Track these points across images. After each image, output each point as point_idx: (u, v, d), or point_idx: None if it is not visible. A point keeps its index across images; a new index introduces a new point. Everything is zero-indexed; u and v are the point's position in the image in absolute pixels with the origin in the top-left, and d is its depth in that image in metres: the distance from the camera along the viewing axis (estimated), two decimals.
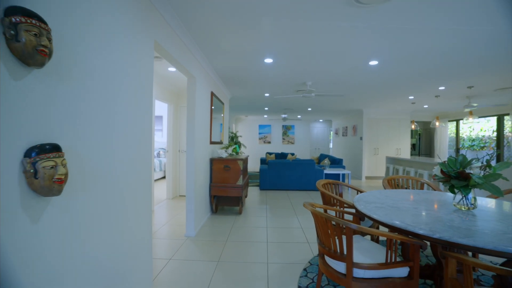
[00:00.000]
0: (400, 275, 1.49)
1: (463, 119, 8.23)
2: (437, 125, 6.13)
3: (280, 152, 11.83)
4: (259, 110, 9.31)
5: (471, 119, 5.13)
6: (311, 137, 12.75)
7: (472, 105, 4.90)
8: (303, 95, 4.80)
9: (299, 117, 11.40)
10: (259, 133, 12.41)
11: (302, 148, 12.54)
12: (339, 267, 1.54)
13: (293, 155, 10.22)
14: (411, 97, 6.19)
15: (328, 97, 6.18)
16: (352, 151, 9.42)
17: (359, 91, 5.63)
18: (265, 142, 12.43)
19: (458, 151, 8.99)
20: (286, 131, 12.49)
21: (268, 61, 3.56)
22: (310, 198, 5.54)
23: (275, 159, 9.44)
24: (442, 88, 5.09)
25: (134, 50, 1.66)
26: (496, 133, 7.47)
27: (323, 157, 8.80)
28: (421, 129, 10.52)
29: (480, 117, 7.84)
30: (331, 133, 12.80)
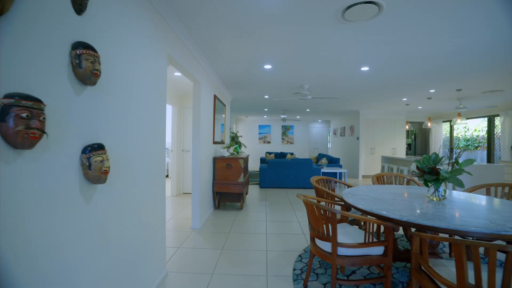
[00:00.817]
0: (377, 253, 1.78)
1: (452, 120, 8.52)
2: (429, 125, 6.41)
3: (279, 151, 12.15)
4: (259, 111, 9.60)
5: (459, 120, 5.42)
6: (310, 137, 13.03)
7: (460, 107, 5.18)
8: (300, 98, 5.09)
9: (298, 117, 11.66)
10: (259, 133, 12.70)
11: (301, 148, 12.83)
12: (326, 247, 1.83)
13: (292, 154, 10.50)
14: (405, 99, 6.48)
15: (324, 99, 6.47)
16: (349, 150, 9.71)
17: (353, 94, 5.92)
18: (265, 142, 12.71)
19: (452, 150, 9.28)
20: (285, 131, 12.77)
21: (267, 67, 3.85)
22: (307, 195, 5.81)
23: (275, 158, 9.73)
24: (432, 90, 5.38)
25: (152, 64, 1.95)
26: (486, 135, 7.76)
27: (321, 157, 9.08)
28: (416, 129, 10.81)
29: (471, 119, 8.13)
30: (329, 133, 13.07)
